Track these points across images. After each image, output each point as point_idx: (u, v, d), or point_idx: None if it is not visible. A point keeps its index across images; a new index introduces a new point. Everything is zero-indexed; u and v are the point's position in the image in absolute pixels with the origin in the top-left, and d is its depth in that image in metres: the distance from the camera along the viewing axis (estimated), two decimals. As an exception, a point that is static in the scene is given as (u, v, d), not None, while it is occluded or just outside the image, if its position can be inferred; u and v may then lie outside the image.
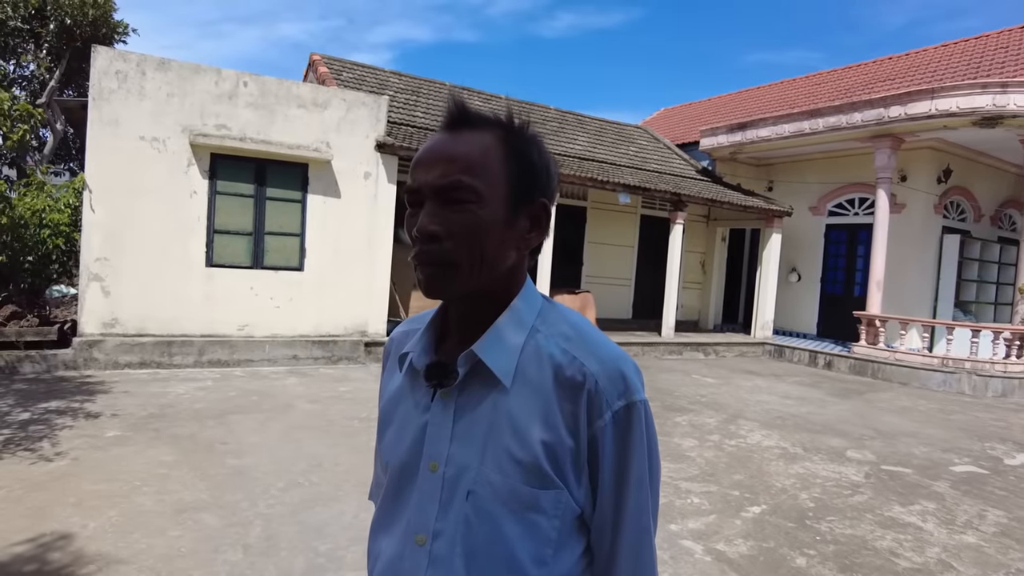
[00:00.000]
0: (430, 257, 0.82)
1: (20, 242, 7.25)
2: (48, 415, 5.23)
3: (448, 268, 0.82)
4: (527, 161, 0.86)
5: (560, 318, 0.89)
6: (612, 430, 0.82)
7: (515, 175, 0.85)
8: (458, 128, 0.86)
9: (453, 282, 0.83)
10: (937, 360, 9.93)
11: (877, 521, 4.13)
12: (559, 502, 0.82)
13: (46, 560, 2.98)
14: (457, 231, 0.82)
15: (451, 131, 0.86)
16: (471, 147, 0.84)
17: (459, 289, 0.84)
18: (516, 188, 0.85)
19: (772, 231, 12.73)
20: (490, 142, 0.85)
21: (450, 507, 0.83)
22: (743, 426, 6.50)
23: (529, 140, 0.87)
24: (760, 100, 16.56)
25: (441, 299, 0.88)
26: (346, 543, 3.34)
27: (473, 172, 0.82)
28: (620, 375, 0.84)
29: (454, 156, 0.83)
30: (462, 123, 0.86)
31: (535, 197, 0.87)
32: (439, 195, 0.82)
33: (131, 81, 7.26)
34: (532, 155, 0.87)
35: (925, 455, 5.84)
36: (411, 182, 0.85)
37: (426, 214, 0.83)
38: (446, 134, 0.86)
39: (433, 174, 0.83)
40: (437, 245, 0.82)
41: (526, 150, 0.86)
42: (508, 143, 0.85)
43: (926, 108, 9.82)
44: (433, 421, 0.86)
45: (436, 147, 0.85)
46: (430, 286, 0.84)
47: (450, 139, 0.85)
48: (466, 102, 0.87)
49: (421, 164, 0.85)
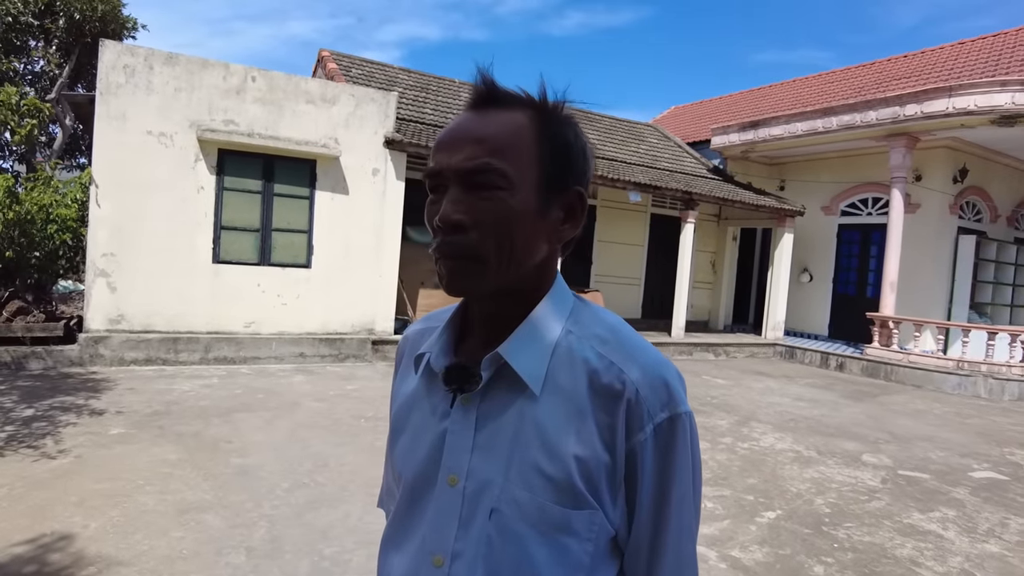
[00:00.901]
0: (453, 249, 0.74)
1: (27, 237, 7.22)
2: (52, 412, 5.19)
3: (473, 262, 0.74)
4: (562, 144, 0.78)
5: (594, 319, 0.81)
6: (653, 445, 0.74)
7: (548, 159, 0.76)
8: (486, 107, 0.77)
9: (479, 278, 0.75)
10: (952, 363, 9.77)
11: (896, 528, 4.02)
12: (593, 524, 0.73)
13: (46, 561, 2.92)
14: (484, 220, 0.73)
15: (478, 110, 0.78)
16: (500, 127, 0.75)
17: (485, 286, 0.75)
18: (549, 174, 0.76)
19: (784, 231, 12.59)
20: (521, 122, 0.76)
21: (471, 526, 0.75)
22: (755, 428, 6.39)
23: (564, 121, 0.79)
24: (772, 98, 16.39)
25: (465, 297, 0.79)
26: (352, 546, 3.27)
27: (502, 154, 0.74)
28: (663, 384, 0.75)
29: (481, 136, 0.74)
30: (491, 101, 0.77)
31: (569, 184, 0.78)
32: (464, 180, 0.74)
33: (139, 75, 7.21)
34: (568, 137, 0.78)
35: (943, 460, 5.72)
36: (432, 165, 0.76)
37: (449, 201, 0.74)
38: (472, 113, 0.78)
39: (457, 156, 0.74)
40: (461, 236, 0.73)
41: (561, 132, 0.78)
42: (541, 123, 0.77)
43: (943, 106, 9.65)
44: (452, 429, 0.78)
45: (461, 126, 0.76)
46: (453, 282, 0.75)
47: (477, 118, 0.76)
48: (495, 79, 0.78)
49: (444, 145, 0.76)
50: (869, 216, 12.77)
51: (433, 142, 0.76)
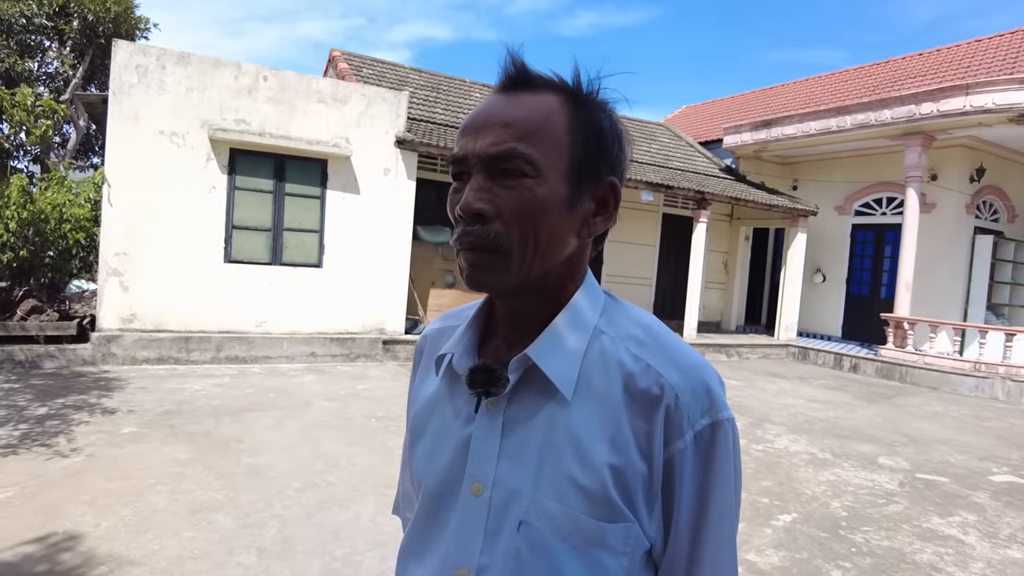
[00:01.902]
0: (475, 241, 0.70)
1: (41, 237, 7.26)
2: (65, 410, 5.20)
3: (496, 255, 0.70)
4: (596, 130, 0.73)
5: (628, 318, 0.77)
6: (693, 453, 0.70)
7: (580, 146, 0.72)
8: (516, 90, 0.73)
9: (502, 272, 0.70)
10: (969, 364, 9.63)
11: (915, 533, 3.95)
12: (629, 537, 0.69)
13: (56, 560, 2.91)
14: (508, 210, 0.69)
15: (507, 93, 0.73)
16: (530, 111, 0.71)
17: (507, 281, 0.71)
18: (581, 162, 0.72)
19: (797, 231, 12.47)
20: (553, 106, 0.72)
21: (498, 538, 0.70)
22: (769, 430, 6.32)
23: (599, 106, 0.74)
24: (784, 97, 16.26)
25: (487, 292, 0.75)
26: (363, 547, 3.24)
27: (530, 140, 0.69)
28: (705, 388, 0.71)
29: (509, 120, 0.70)
30: (520, 84, 0.73)
31: (602, 174, 0.74)
32: (489, 166, 0.70)
33: (151, 75, 7.23)
34: (602, 123, 0.74)
35: (962, 463, 5.62)
36: (456, 151, 0.72)
37: (472, 189, 0.70)
38: (501, 96, 0.74)
39: (482, 141, 0.70)
40: (484, 226, 0.69)
41: (595, 117, 0.74)
42: (574, 108, 0.73)
43: (960, 104, 9.52)
44: (477, 435, 0.73)
45: (488, 110, 0.72)
46: (474, 276, 0.71)
47: (505, 101, 0.72)
48: (525, 60, 0.74)
49: (469, 130, 0.72)
50: (883, 216, 12.62)
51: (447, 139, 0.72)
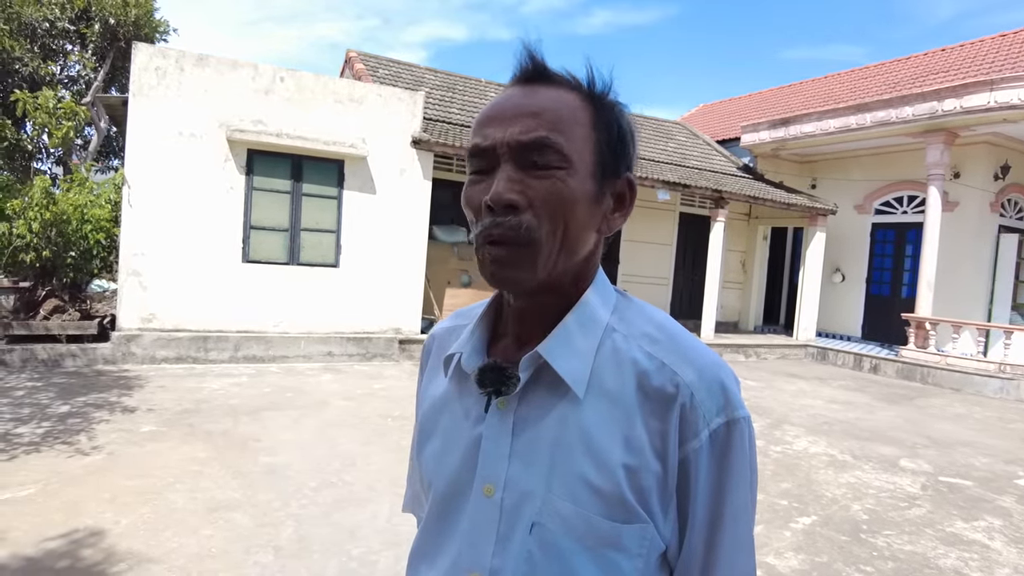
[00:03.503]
0: (505, 233, 0.67)
1: (63, 237, 7.35)
2: (86, 408, 5.27)
3: (525, 249, 0.68)
4: (617, 128, 0.73)
5: (641, 316, 0.75)
6: (709, 452, 0.68)
7: (604, 142, 0.72)
8: (535, 83, 0.72)
9: (530, 267, 0.68)
10: (993, 366, 9.45)
11: (939, 537, 3.88)
12: (644, 539, 0.68)
13: (78, 556, 2.95)
14: (541, 201, 0.68)
15: (527, 85, 0.72)
16: (556, 103, 0.70)
17: (534, 277, 0.69)
18: (604, 157, 0.72)
19: (815, 230, 12.33)
20: (575, 101, 0.71)
21: (510, 541, 0.69)
22: (788, 432, 6.25)
23: (615, 105, 0.74)
24: (803, 95, 16.07)
25: (510, 289, 0.72)
26: (379, 547, 3.24)
27: (560, 131, 0.68)
28: (720, 386, 0.70)
29: (539, 109, 0.69)
30: (539, 78, 0.72)
31: (621, 171, 0.74)
32: (519, 156, 0.68)
33: (170, 77, 7.30)
34: (620, 121, 0.74)
35: (986, 466, 5.52)
36: (480, 141, 0.70)
37: (503, 179, 0.68)
38: (521, 88, 0.72)
39: (512, 129, 0.68)
40: (515, 218, 0.67)
41: (614, 116, 0.73)
42: (594, 105, 0.72)
43: (984, 101, 9.35)
44: (488, 435, 0.72)
45: (513, 99, 0.71)
46: (499, 272, 0.69)
47: (529, 92, 0.71)
48: (544, 55, 0.73)
49: (493, 119, 0.70)
50: (904, 215, 12.43)
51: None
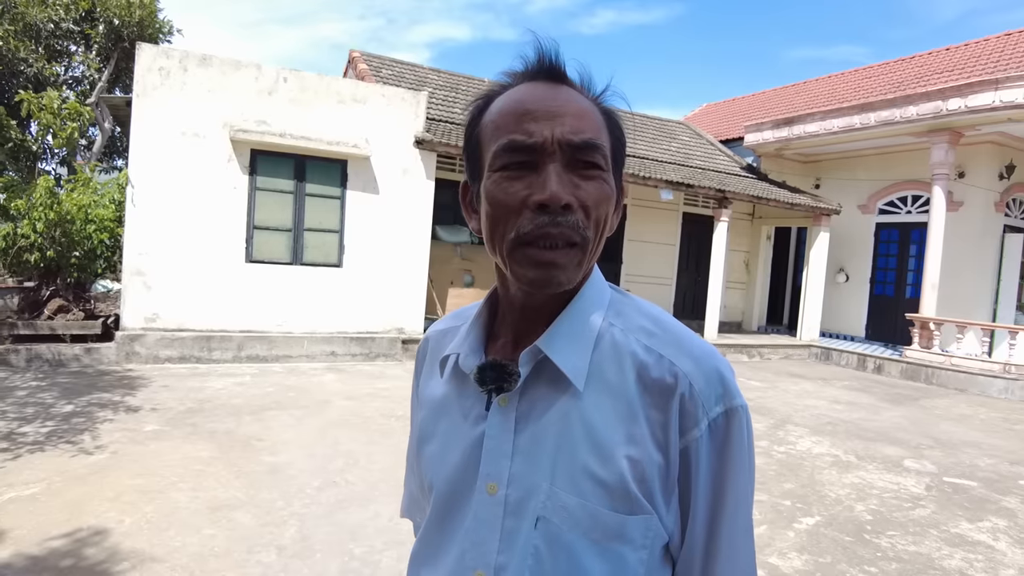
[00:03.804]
0: (564, 232, 0.66)
1: (67, 237, 7.38)
2: (90, 408, 5.28)
3: (577, 249, 0.68)
4: (622, 132, 0.74)
5: (637, 310, 0.76)
6: (709, 442, 0.69)
7: (616, 146, 0.73)
8: (559, 83, 0.71)
9: (577, 267, 0.69)
10: (998, 366, 9.41)
11: (943, 538, 3.86)
12: (648, 530, 0.68)
13: (82, 555, 2.95)
14: (589, 203, 0.68)
15: (555, 84, 0.71)
16: (586, 105, 0.70)
17: (577, 276, 0.70)
18: (616, 161, 0.73)
19: (819, 230, 12.30)
20: (592, 104, 0.72)
21: (515, 537, 0.69)
22: (792, 432, 6.23)
23: (615, 109, 0.75)
24: (806, 95, 16.03)
25: (555, 290, 0.70)
26: (381, 546, 3.24)
27: (600, 133, 0.69)
28: (718, 375, 0.70)
29: (582, 111, 0.69)
30: (562, 78, 0.72)
31: (621, 176, 0.75)
32: (569, 155, 0.67)
33: (173, 77, 7.32)
34: (622, 126, 0.75)
35: (991, 467, 5.50)
36: (522, 137, 0.67)
37: (555, 179, 0.66)
38: (550, 87, 0.71)
39: (561, 128, 0.67)
40: (573, 217, 0.67)
41: (617, 118, 0.74)
42: (603, 109, 0.73)
43: (989, 100, 9.31)
44: (490, 433, 0.72)
45: (551, 96, 0.69)
46: (553, 274, 0.68)
47: (560, 92, 0.70)
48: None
49: (537, 115, 0.68)
50: (908, 215, 12.40)
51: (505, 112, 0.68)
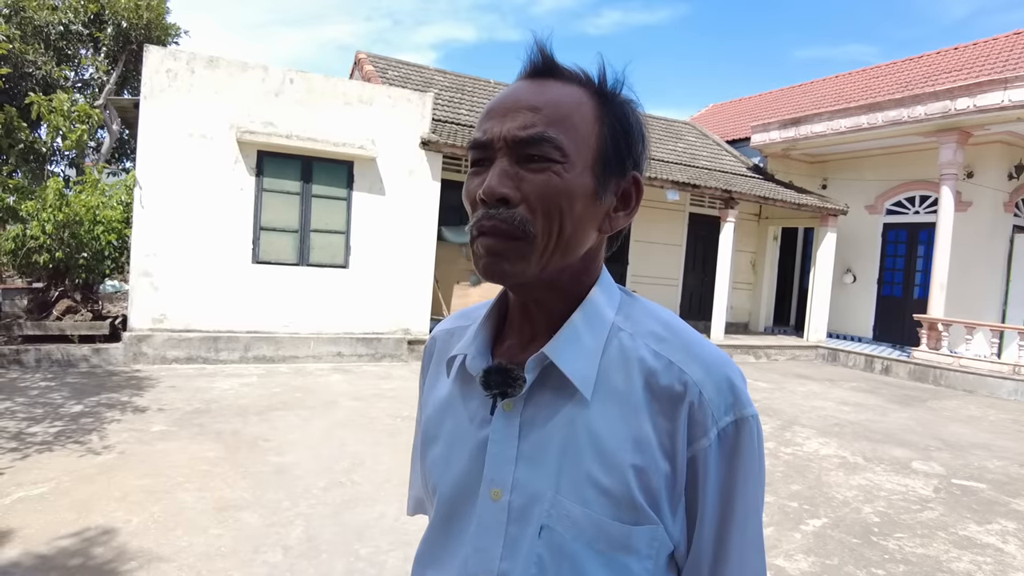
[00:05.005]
0: (497, 225, 0.67)
1: (76, 239, 7.42)
2: (98, 408, 5.31)
3: (519, 242, 0.67)
4: (623, 124, 0.72)
5: (647, 314, 0.74)
6: (718, 451, 0.68)
7: (608, 138, 0.71)
8: (542, 77, 0.72)
9: (523, 261, 0.68)
10: (1008, 367, 9.35)
11: (951, 540, 3.84)
12: (654, 540, 0.67)
13: (90, 555, 2.97)
14: (535, 195, 0.67)
15: (534, 80, 0.72)
16: (559, 97, 0.70)
17: (529, 271, 0.69)
18: (608, 154, 0.71)
19: (826, 230, 12.25)
20: (581, 96, 0.71)
21: (518, 544, 0.68)
22: (799, 433, 6.21)
23: (625, 101, 0.73)
24: (813, 95, 15.97)
25: (504, 282, 0.72)
26: (387, 547, 3.25)
27: (560, 126, 0.68)
28: (729, 384, 0.69)
29: (538, 104, 0.69)
30: (547, 72, 0.72)
31: (627, 169, 0.73)
32: (515, 150, 0.68)
33: (181, 79, 7.35)
34: (629, 118, 0.73)
35: (1000, 469, 5.46)
36: (479, 135, 0.70)
37: (496, 172, 0.68)
38: (528, 82, 0.72)
39: (510, 124, 0.68)
40: (507, 211, 0.67)
41: (622, 111, 0.73)
42: (601, 101, 0.72)
43: (998, 99, 9.26)
44: (494, 438, 0.71)
45: (515, 94, 0.71)
46: (492, 265, 0.68)
47: (533, 87, 0.71)
48: (553, 50, 0.73)
49: (494, 113, 0.70)
50: (916, 215, 12.33)
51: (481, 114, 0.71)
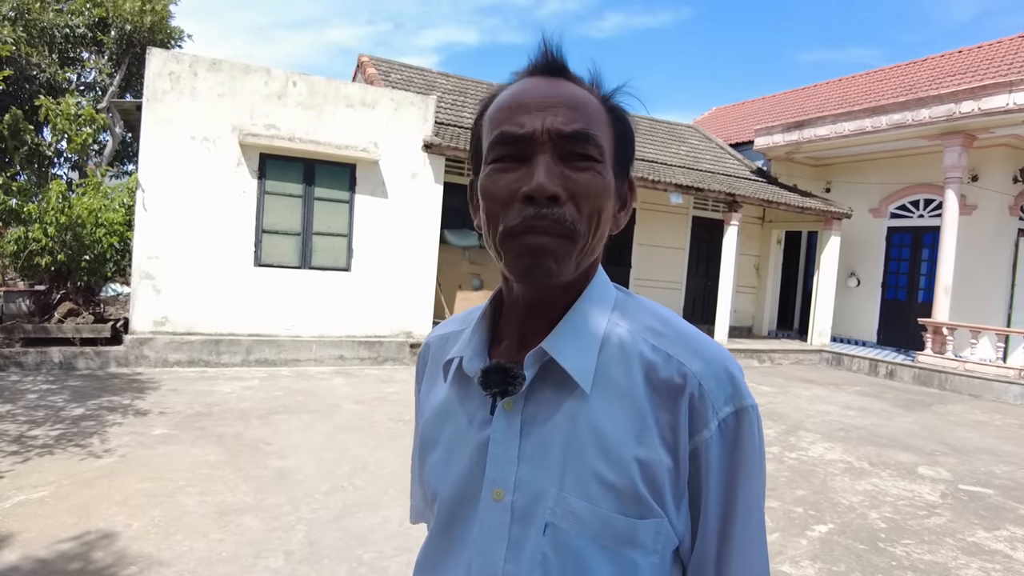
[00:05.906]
0: (551, 225, 0.65)
1: (78, 241, 7.41)
2: (100, 411, 5.29)
3: (566, 241, 0.66)
4: (628, 129, 0.73)
5: (643, 309, 0.74)
6: (719, 443, 0.67)
7: (620, 141, 0.71)
8: (557, 76, 0.71)
9: (567, 260, 0.67)
10: (1014, 371, 9.30)
11: (959, 547, 3.80)
12: (659, 534, 0.66)
13: (90, 559, 2.94)
14: (580, 195, 0.66)
15: (551, 78, 0.71)
16: (586, 97, 0.69)
17: (569, 270, 0.68)
18: (619, 156, 0.72)
19: (830, 234, 12.21)
20: (594, 99, 0.70)
21: (523, 544, 0.67)
22: (804, 438, 6.16)
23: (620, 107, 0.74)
24: (817, 98, 15.94)
25: (548, 282, 0.69)
26: (390, 552, 3.22)
27: (596, 125, 0.68)
28: (727, 375, 0.68)
29: (576, 102, 0.67)
30: (561, 72, 0.71)
31: (628, 172, 0.74)
32: (560, 146, 0.66)
33: (183, 82, 7.35)
34: (629, 123, 0.74)
35: (1008, 475, 5.41)
36: (513, 128, 0.67)
37: (543, 170, 0.65)
38: (546, 80, 0.70)
39: (552, 119, 0.66)
40: (560, 209, 0.65)
41: (625, 117, 0.73)
42: (607, 105, 0.72)
43: (1003, 102, 9.22)
44: (496, 439, 0.70)
45: (543, 90, 0.69)
46: (541, 264, 0.66)
47: (556, 85, 0.69)
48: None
49: (529, 107, 0.67)
50: (921, 218, 12.29)
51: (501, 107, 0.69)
